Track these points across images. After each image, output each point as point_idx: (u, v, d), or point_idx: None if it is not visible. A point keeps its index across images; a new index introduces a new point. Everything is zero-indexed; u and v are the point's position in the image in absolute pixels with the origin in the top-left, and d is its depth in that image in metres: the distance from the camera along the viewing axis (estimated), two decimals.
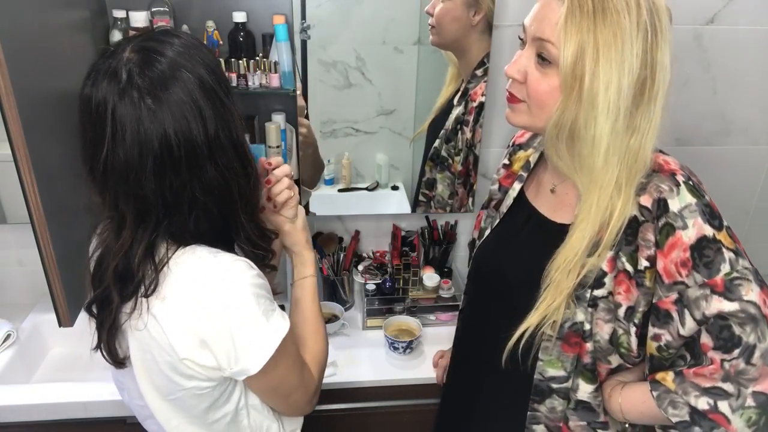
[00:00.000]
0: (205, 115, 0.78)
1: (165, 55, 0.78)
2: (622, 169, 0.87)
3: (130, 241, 0.81)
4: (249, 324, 0.83)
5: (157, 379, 0.87)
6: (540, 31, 0.85)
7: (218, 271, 0.83)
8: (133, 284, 0.82)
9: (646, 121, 0.85)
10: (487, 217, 1.17)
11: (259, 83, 1.46)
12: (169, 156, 0.77)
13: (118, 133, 0.76)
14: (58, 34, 1.23)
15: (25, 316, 1.64)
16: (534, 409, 1.02)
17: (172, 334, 0.81)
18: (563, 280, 0.90)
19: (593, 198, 0.88)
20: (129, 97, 0.76)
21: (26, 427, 1.37)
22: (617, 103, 0.82)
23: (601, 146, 0.85)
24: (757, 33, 1.58)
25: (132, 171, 0.77)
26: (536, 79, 0.87)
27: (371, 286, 1.64)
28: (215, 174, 0.81)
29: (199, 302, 0.81)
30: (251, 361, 0.84)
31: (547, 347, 0.96)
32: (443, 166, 1.63)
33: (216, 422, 0.92)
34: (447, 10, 1.45)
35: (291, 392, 0.94)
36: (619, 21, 0.80)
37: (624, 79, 0.81)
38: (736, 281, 0.83)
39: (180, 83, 0.77)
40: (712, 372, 0.85)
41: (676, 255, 0.85)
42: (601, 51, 0.81)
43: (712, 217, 0.85)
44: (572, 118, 0.85)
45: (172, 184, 0.79)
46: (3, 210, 1.58)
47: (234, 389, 0.91)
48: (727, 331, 0.84)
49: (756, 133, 1.72)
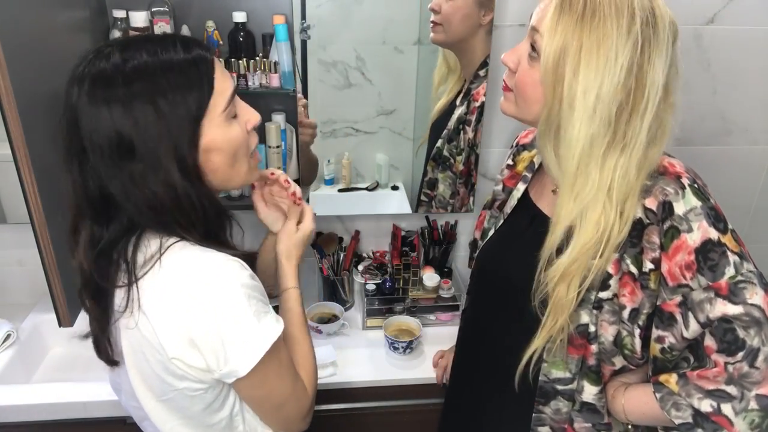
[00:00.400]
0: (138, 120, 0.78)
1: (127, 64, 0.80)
2: (612, 181, 0.85)
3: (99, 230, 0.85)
4: (239, 324, 0.82)
5: (149, 379, 0.87)
6: (536, 22, 0.85)
7: (210, 269, 0.82)
8: (111, 271, 0.84)
9: (633, 135, 0.84)
10: (491, 217, 1.17)
11: (259, 83, 1.46)
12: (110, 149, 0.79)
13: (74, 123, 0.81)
14: (58, 34, 1.23)
15: (25, 316, 1.64)
16: (539, 411, 1.02)
17: (161, 332, 0.81)
18: (563, 298, 0.90)
19: (568, 201, 0.88)
20: (82, 89, 0.79)
21: (26, 427, 1.37)
22: (595, 109, 0.81)
23: (576, 150, 0.84)
24: (757, 33, 1.58)
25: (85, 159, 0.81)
26: (524, 70, 0.88)
27: (371, 286, 1.64)
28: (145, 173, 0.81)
29: (189, 300, 0.81)
30: (241, 363, 0.83)
31: (551, 349, 0.96)
32: (445, 166, 1.63)
33: (211, 427, 0.92)
34: (457, 7, 1.43)
35: (282, 403, 0.92)
36: (605, 27, 0.79)
37: (605, 87, 0.80)
38: (741, 285, 0.83)
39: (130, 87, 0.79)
40: (716, 375, 0.85)
41: (681, 258, 0.85)
42: (583, 55, 0.80)
43: (717, 220, 0.85)
44: (558, 118, 0.85)
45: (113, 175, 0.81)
46: (3, 210, 1.58)
47: (228, 395, 0.91)
48: (731, 334, 0.84)
49: (756, 133, 1.72)
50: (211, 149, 0.84)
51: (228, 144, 0.85)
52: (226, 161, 0.86)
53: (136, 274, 0.82)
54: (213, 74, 0.83)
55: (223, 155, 0.85)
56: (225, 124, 0.84)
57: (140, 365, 0.86)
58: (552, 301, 0.91)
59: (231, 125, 0.85)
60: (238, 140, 0.87)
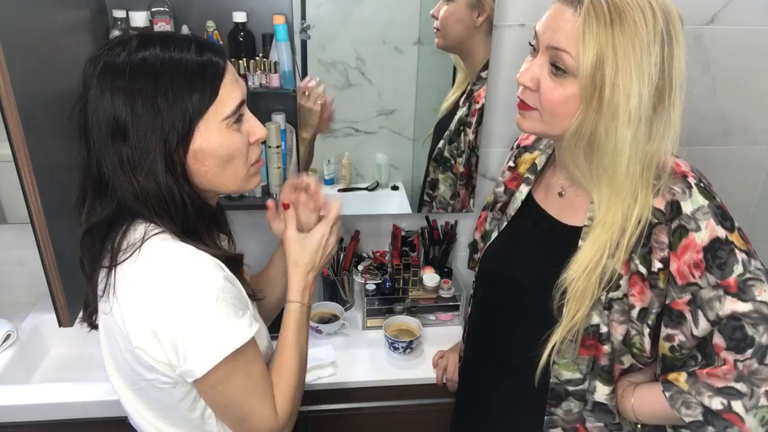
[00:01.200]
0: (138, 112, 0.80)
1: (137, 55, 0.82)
2: (641, 175, 0.86)
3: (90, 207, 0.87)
4: (201, 324, 0.81)
5: (122, 367, 0.88)
6: (554, 41, 0.84)
7: (183, 265, 0.83)
8: (96, 250, 0.87)
9: (664, 128, 0.85)
10: (492, 219, 1.17)
11: (259, 83, 1.46)
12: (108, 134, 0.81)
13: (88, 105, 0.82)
14: (58, 34, 1.23)
15: (25, 316, 1.64)
16: (551, 413, 1.02)
17: (128, 320, 0.82)
18: (587, 289, 0.90)
19: (613, 206, 0.88)
20: (95, 72, 0.81)
21: (26, 427, 1.37)
22: (638, 112, 0.82)
23: (624, 156, 0.84)
24: (757, 33, 1.58)
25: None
26: (550, 88, 0.86)
27: (371, 286, 1.64)
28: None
29: (157, 292, 0.81)
30: (197, 363, 0.82)
31: (561, 350, 0.96)
32: (446, 167, 1.63)
33: (184, 421, 0.92)
34: (451, 11, 1.45)
35: (244, 417, 0.89)
36: (637, 30, 0.80)
37: (644, 88, 0.81)
38: (749, 282, 0.84)
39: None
40: (726, 372, 0.86)
41: (690, 257, 0.85)
42: (621, 61, 0.80)
43: (724, 218, 0.86)
44: (592, 127, 0.84)
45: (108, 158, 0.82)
46: (3, 210, 1.58)
47: (199, 396, 0.90)
48: (740, 332, 0.84)
49: (756, 133, 1.72)
50: (203, 152, 0.84)
51: (223, 150, 0.85)
52: (217, 166, 0.86)
53: (116, 259, 0.84)
54: (220, 81, 0.83)
55: (216, 160, 0.85)
56: (225, 130, 0.85)
57: (113, 351, 0.88)
58: (572, 293, 0.90)
59: (232, 133, 0.86)
60: (235, 149, 0.86)
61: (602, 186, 0.89)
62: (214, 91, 0.83)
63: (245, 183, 0.92)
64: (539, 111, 0.89)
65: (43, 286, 1.20)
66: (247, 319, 0.86)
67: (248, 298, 0.92)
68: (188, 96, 0.81)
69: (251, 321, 0.86)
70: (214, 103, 0.83)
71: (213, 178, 0.87)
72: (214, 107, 0.83)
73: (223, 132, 0.84)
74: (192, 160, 0.84)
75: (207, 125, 0.83)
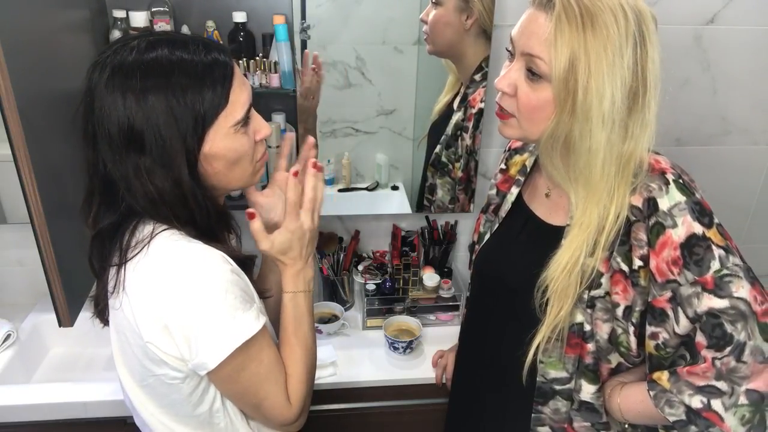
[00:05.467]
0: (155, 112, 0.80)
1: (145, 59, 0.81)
2: (617, 174, 0.87)
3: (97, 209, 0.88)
4: (211, 317, 0.82)
5: (130, 362, 0.89)
6: (528, 47, 0.85)
7: (191, 259, 0.83)
8: (105, 252, 0.88)
9: (640, 128, 0.85)
10: (486, 221, 1.18)
11: (259, 83, 1.46)
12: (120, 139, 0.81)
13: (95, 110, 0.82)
14: (58, 34, 1.23)
15: (25, 316, 1.64)
16: (538, 411, 1.02)
17: (139, 315, 0.83)
18: (568, 287, 0.90)
19: (590, 205, 0.89)
20: (102, 76, 0.81)
21: (26, 427, 1.37)
22: (612, 114, 0.82)
23: (598, 157, 0.85)
24: (757, 33, 1.58)
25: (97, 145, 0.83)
26: (526, 93, 0.87)
27: (371, 286, 1.64)
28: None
29: (167, 287, 0.82)
30: (209, 356, 0.83)
31: (547, 349, 0.96)
32: (443, 172, 1.63)
33: (191, 417, 0.92)
34: (439, 16, 1.45)
35: (259, 404, 0.91)
36: (609, 33, 0.80)
37: (617, 91, 0.81)
38: (726, 278, 0.84)
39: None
40: (705, 370, 0.86)
41: (667, 254, 0.85)
42: (593, 64, 0.80)
43: (702, 214, 0.85)
44: (566, 130, 0.85)
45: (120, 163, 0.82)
46: (3, 210, 1.58)
47: (208, 389, 0.91)
48: (719, 329, 0.84)
49: (756, 133, 1.72)
50: (213, 156, 0.85)
51: (233, 154, 0.87)
52: (226, 167, 0.87)
53: (126, 256, 0.85)
54: (230, 86, 0.83)
55: (225, 162, 0.87)
56: (233, 134, 0.85)
57: (123, 347, 0.89)
58: (552, 291, 0.91)
59: (239, 137, 0.86)
60: (243, 151, 0.88)
61: (579, 187, 0.90)
62: (224, 95, 0.83)
63: (251, 179, 0.93)
64: (517, 117, 0.90)
65: (43, 286, 1.20)
66: (255, 311, 0.87)
67: (255, 292, 0.93)
68: (200, 97, 0.81)
69: (258, 313, 0.88)
70: (225, 109, 0.83)
71: (221, 177, 0.88)
72: (224, 114, 0.83)
73: (232, 135, 0.85)
74: (204, 163, 0.85)
75: (217, 130, 0.84)
